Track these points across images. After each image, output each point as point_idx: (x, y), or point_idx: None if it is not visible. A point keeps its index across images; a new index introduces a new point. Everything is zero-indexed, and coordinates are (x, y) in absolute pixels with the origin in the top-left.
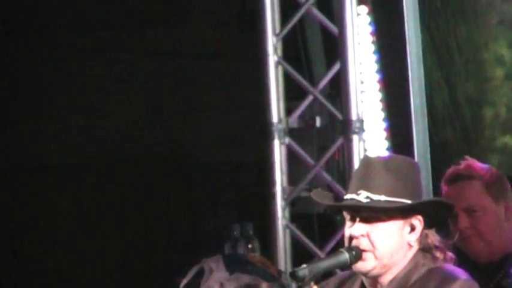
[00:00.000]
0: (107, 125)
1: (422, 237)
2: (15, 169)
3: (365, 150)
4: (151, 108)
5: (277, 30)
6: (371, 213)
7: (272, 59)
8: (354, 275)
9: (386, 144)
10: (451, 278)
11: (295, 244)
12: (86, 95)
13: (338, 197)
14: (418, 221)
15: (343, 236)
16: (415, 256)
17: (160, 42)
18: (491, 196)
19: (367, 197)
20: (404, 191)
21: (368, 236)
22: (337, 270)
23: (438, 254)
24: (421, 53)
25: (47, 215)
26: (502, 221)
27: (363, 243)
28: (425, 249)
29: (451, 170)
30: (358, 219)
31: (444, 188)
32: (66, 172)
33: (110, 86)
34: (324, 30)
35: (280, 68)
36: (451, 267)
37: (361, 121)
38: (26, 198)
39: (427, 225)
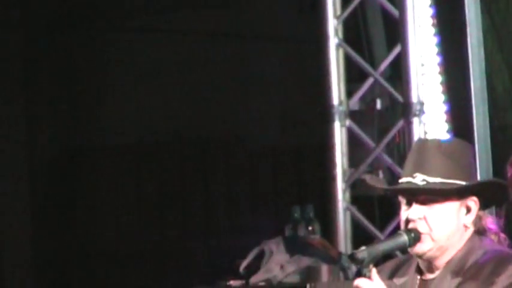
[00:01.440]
0: (167, 106)
1: (477, 219)
2: (78, 150)
3: (425, 132)
4: (211, 90)
5: (338, 13)
6: (428, 196)
7: (333, 41)
8: (410, 258)
9: (446, 127)
10: (507, 260)
11: (356, 226)
12: (147, 77)
13: (395, 181)
14: (473, 203)
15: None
16: (470, 238)
17: (222, 24)
18: None
19: (424, 180)
20: (459, 172)
21: (425, 218)
22: (397, 253)
23: (493, 236)
24: (481, 36)
25: (110, 196)
26: None
27: (421, 226)
28: (479, 231)
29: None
30: (414, 202)
31: (510, 170)
32: (127, 153)
33: (169, 68)
34: (385, 13)
35: (341, 51)
36: (506, 249)
37: (422, 104)
38: (88, 179)
39: (482, 206)
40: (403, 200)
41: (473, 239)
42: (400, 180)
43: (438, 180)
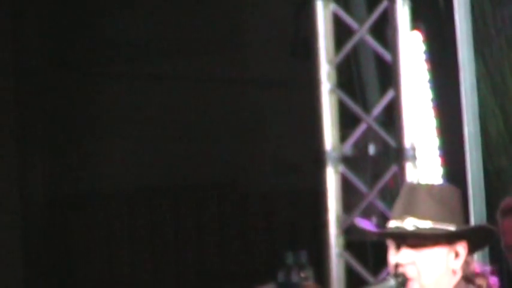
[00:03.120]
0: (162, 152)
1: (464, 265)
2: (71, 197)
3: (418, 177)
4: (204, 135)
5: (331, 58)
6: (417, 240)
7: (326, 86)
8: None
9: (440, 171)
10: None
11: (349, 272)
12: (141, 123)
13: (384, 226)
14: (462, 248)
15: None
16: (457, 285)
17: (215, 69)
18: None
19: (413, 224)
20: (449, 217)
21: (414, 263)
22: None
23: (481, 282)
24: (475, 80)
25: (103, 242)
26: None
27: (410, 270)
28: (467, 277)
29: (506, 202)
30: (404, 246)
31: (499, 220)
32: (120, 200)
33: (164, 113)
34: (378, 57)
35: (333, 96)
36: None
37: (415, 149)
38: (81, 226)
39: (470, 252)
40: (392, 244)
41: (460, 285)
42: (390, 224)
43: (428, 224)
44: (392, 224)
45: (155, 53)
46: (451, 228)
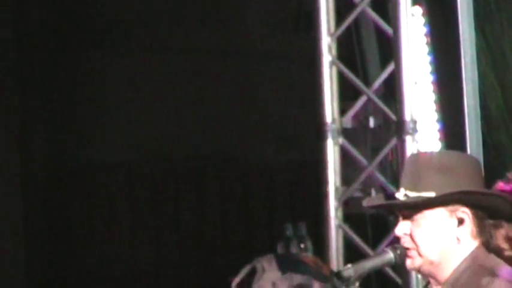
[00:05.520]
0: (163, 124)
1: (485, 232)
2: (72, 168)
3: (418, 151)
4: (205, 108)
5: (332, 31)
6: (410, 211)
7: (326, 59)
8: None
9: (439, 145)
10: (492, 276)
11: (348, 244)
12: (142, 94)
13: (390, 198)
14: (464, 214)
15: (395, 236)
16: (474, 253)
17: (216, 42)
18: None
19: (405, 195)
20: (452, 185)
21: (411, 234)
22: (387, 269)
23: (507, 251)
24: (475, 55)
25: (103, 212)
26: None
27: (407, 242)
28: (489, 245)
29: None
30: (401, 218)
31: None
32: (121, 171)
33: (165, 85)
34: (379, 31)
35: (334, 68)
36: (500, 265)
37: (415, 122)
38: (80, 197)
39: (491, 218)
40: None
41: (478, 254)
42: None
43: (424, 194)
44: (396, 195)
45: (155, 25)
46: (430, 195)
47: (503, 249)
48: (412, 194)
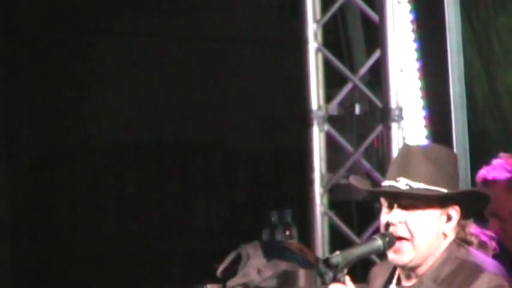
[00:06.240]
0: (149, 109)
1: (459, 228)
2: (58, 152)
3: (404, 138)
4: (191, 93)
5: (318, 17)
6: (410, 201)
7: (312, 45)
8: (386, 262)
9: (425, 132)
10: (478, 271)
11: (333, 231)
12: (129, 79)
13: (376, 184)
14: (454, 211)
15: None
16: (448, 247)
17: (202, 28)
18: None
19: (407, 184)
20: (443, 180)
21: (406, 223)
22: (374, 257)
23: (475, 245)
24: (461, 42)
25: (89, 197)
26: None
27: (401, 231)
28: (461, 240)
29: (478, 175)
30: (396, 206)
31: (479, 185)
32: (107, 155)
33: (150, 71)
34: (365, 18)
35: (320, 55)
36: (483, 260)
37: (401, 109)
38: (67, 181)
39: (464, 216)
40: (384, 203)
41: (452, 247)
42: (383, 183)
43: (421, 185)
44: (386, 183)
45: (144, 10)
46: (444, 190)
47: (472, 243)
48: (415, 185)
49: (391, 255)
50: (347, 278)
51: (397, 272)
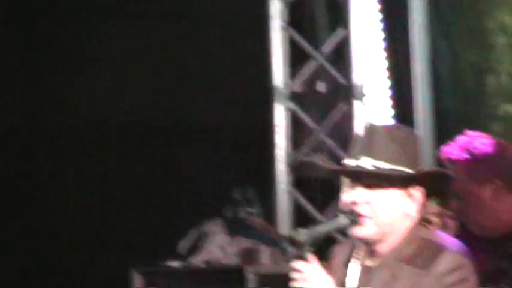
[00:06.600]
0: (108, 89)
1: (422, 208)
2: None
3: (368, 116)
4: (151, 71)
5: None
6: (374, 180)
7: (277, 23)
8: (347, 242)
9: (390, 112)
10: (440, 250)
11: (297, 209)
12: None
13: (341, 163)
14: (418, 192)
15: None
16: (412, 227)
17: (163, 4)
18: (474, 181)
19: (373, 165)
20: (407, 160)
21: (369, 202)
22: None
23: (437, 225)
24: (425, 21)
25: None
26: (489, 202)
27: (364, 210)
28: (424, 220)
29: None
30: (359, 185)
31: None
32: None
33: (111, 50)
34: None
35: (284, 33)
36: (445, 240)
37: (363, 86)
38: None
39: (427, 196)
40: (347, 181)
41: (415, 227)
42: (345, 162)
43: (386, 165)
44: (348, 162)
45: None
46: (409, 171)
47: (434, 223)
48: (380, 164)
49: (353, 230)
50: (310, 256)
51: (358, 251)
